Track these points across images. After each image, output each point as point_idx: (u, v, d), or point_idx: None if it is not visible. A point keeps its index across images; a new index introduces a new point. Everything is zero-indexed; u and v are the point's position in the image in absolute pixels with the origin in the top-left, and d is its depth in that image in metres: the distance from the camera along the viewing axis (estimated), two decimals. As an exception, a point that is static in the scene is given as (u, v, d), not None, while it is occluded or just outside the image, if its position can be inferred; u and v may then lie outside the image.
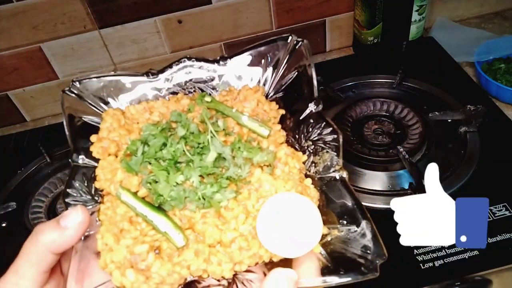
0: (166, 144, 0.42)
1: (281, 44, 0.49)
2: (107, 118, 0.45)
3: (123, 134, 0.44)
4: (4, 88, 1.02)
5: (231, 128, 0.45)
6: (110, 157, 0.43)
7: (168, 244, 0.37)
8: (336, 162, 0.40)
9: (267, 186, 0.39)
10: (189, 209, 0.39)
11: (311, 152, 0.43)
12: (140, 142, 0.42)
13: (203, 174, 0.40)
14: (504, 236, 0.63)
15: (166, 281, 0.36)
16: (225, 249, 0.37)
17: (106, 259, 0.36)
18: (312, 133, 0.44)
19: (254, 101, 0.47)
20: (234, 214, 0.38)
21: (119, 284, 0.35)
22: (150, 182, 0.40)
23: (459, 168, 0.73)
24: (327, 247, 0.37)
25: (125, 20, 0.96)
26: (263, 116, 0.46)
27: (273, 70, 0.50)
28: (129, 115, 0.47)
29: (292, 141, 0.45)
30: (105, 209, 0.40)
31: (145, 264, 0.36)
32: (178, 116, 0.44)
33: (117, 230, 0.38)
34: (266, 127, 0.44)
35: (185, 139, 0.42)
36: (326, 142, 0.42)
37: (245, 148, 0.41)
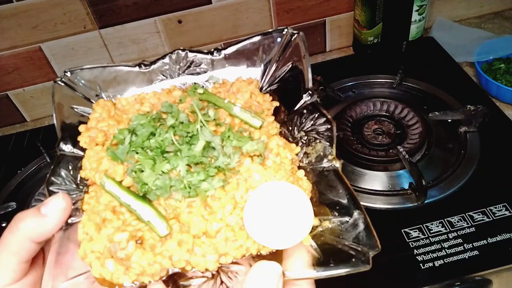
0: (155, 134, 0.41)
1: (276, 36, 0.48)
2: (97, 108, 0.45)
3: (112, 125, 0.44)
4: (4, 88, 1.02)
5: (223, 119, 0.45)
6: (97, 147, 0.42)
7: (151, 234, 0.36)
8: (329, 152, 0.40)
9: (256, 176, 0.38)
10: (174, 199, 0.38)
11: (304, 143, 0.43)
12: (127, 131, 0.41)
13: (190, 163, 0.39)
14: (504, 236, 0.63)
15: (146, 271, 0.34)
16: (210, 240, 0.36)
17: (86, 248, 0.35)
18: (306, 123, 0.43)
19: (247, 93, 0.46)
20: (221, 204, 0.37)
21: (98, 275, 0.34)
22: (135, 171, 0.39)
23: (459, 168, 0.73)
24: (318, 239, 0.36)
25: (125, 20, 0.96)
26: (256, 108, 0.46)
27: (268, 62, 0.49)
28: (120, 106, 0.47)
29: (285, 133, 0.45)
30: (88, 199, 0.39)
31: (124, 253, 0.35)
32: (169, 107, 0.44)
33: (99, 219, 0.37)
34: (258, 118, 0.43)
35: (174, 128, 0.41)
36: (319, 132, 0.41)
37: (235, 137, 0.41)
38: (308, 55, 0.45)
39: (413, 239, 0.64)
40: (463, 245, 0.63)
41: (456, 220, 0.66)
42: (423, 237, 0.64)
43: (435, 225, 0.66)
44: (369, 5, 0.97)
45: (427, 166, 0.75)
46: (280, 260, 0.36)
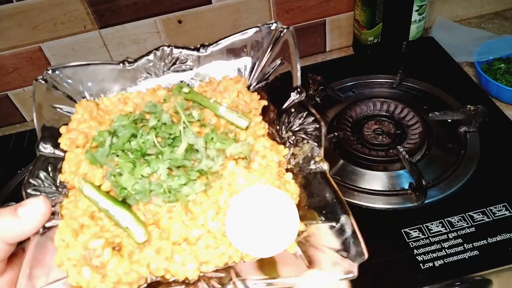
0: (136, 135, 0.39)
1: (265, 31, 0.46)
2: (79, 109, 0.43)
3: (93, 126, 0.42)
4: (4, 88, 1.02)
5: (208, 119, 0.43)
6: (77, 149, 0.41)
7: (129, 240, 0.35)
8: (317, 153, 0.38)
9: (241, 180, 0.37)
10: (154, 204, 0.37)
11: (292, 143, 0.41)
12: (108, 133, 0.40)
13: (172, 166, 0.37)
14: (504, 236, 0.63)
15: (123, 280, 0.33)
16: (191, 247, 0.34)
17: (62, 256, 0.34)
18: (294, 123, 0.41)
19: (234, 92, 0.45)
20: (203, 208, 0.36)
21: (75, 284, 0.33)
22: (114, 175, 0.37)
23: (459, 168, 0.73)
24: (303, 245, 0.34)
25: (125, 20, 0.96)
26: (243, 107, 0.44)
27: (256, 59, 0.47)
28: (103, 107, 0.45)
29: (273, 133, 0.43)
30: (67, 203, 0.38)
31: (100, 260, 0.33)
32: (153, 107, 0.42)
33: (77, 225, 0.35)
34: (245, 119, 0.42)
35: (156, 129, 0.40)
36: (308, 132, 0.39)
37: (219, 139, 0.39)
38: (297, 51, 0.42)
39: (413, 239, 0.64)
40: (463, 245, 0.63)
41: (456, 220, 0.66)
42: (423, 237, 0.64)
43: (435, 225, 0.66)
44: (369, 5, 0.97)
45: (427, 166, 0.75)
46: (270, 266, 0.34)
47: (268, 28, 0.46)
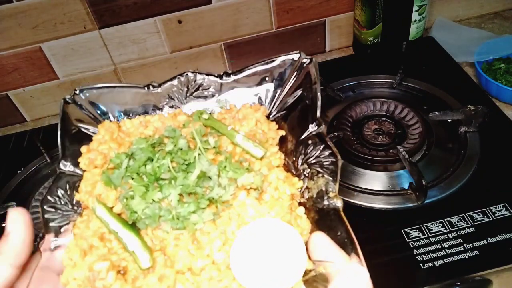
0: (153, 159, 0.40)
1: (288, 62, 0.46)
2: (101, 130, 0.44)
3: (112, 147, 0.43)
4: (4, 88, 1.02)
5: (224, 147, 0.43)
6: (95, 170, 0.41)
7: (134, 265, 0.35)
8: (331, 188, 0.37)
9: (250, 211, 0.36)
10: (162, 229, 0.37)
11: (307, 176, 0.40)
12: (125, 155, 0.40)
13: (183, 192, 0.37)
14: (504, 236, 0.63)
15: None
16: (194, 277, 0.34)
17: (68, 275, 0.34)
18: (310, 155, 0.40)
19: (253, 120, 0.44)
20: (210, 238, 0.35)
21: None
22: (126, 198, 0.38)
23: (459, 168, 0.73)
24: (310, 285, 0.33)
25: (125, 20, 0.96)
26: (261, 136, 0.44)
27: (277, 88, 0.47)
28: (125, 129, 0.46)
29: (289, 165, 0.42)
30: (79, 223, 0.38)
31: (103, 283, 0.33)
32: (172, 132, 0.42)
33: (86, 245, 0.36)
34: (260, 148, 0.41)
35: (172, 154, 0.40)
36: (323, 165, 0.38)
37: (232, 168, 0.39)
38: (319, 83, 0.42)
39: (413, 239, 0.64)
40: (463, 245, 0.63)
41: (456, 220, 0.66)
42: (423, 237, 0.64)
43: (435, 225, 0.66)
44: (369, 5, 0.97)
45: (427, 166, 0.75)
46: None
47: (292, 60, 0.46)
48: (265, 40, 1.05)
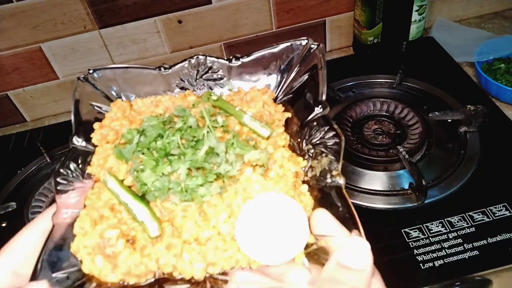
0: (163, 136, 0.42)
1: (296, 47, 0.48)
2: (114, 108, 0.46)
3: (124, 124, 0.45)
4: (4, 88, 1.02)
5: (232, 126, 0.45)
6: (107, 145, 0.43)
7: (143, 235, 0.37)
8: (334, 167, 0.38)
9: (256, 186, 0.38)
10: (171, 201, 0.38)
11: (311, 156, 0.41)
12: (136, 131, 0.42)
13: (192, 167, 0.39)
14: (504, 236, 0.63)
15: (132, 271, 0.34)
16: (200, 247, 0.35)
17: (79, 243, 0.36)
18: (314, 136, 0.42)
19: (260, 103, 0.46)
20: (217, 211, 0.37)
21: (88, 271, 0.35)
22: (137, 171, 0.40)
23: (459, 168, 0.73)
24: (311, 258, 0.34)
25: (125, 20, 0.96)
26: (267, 118, 0.46)
27: (284, 73, 0.49)
28: (136, 108, 0.48)
29: (294, 146, 0.44)
30: (91, 194, 0.40)
31: (112, 250, 0.35)
32: (181, 111, 0.44)
33: (97, 215, 0.37)
34: (267, 128, 0.43)
35: (181, 131, 0.42)
36: (327, 146, 0.40)
37: (239, 145, 0.40)
38: (325, 68, 0.44)
39: (413, 239, 0.64)
40: (463, 245, 0.63)
41: (456, 220, 0.66)
42: (423, 237, 0.64)
43: (435, 225, 0.66)
44: (369, 5, 0.97)
45: (427, 166, 0.75)
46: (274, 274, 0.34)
47: (299, 44, 0.47)
48: (265, 40, 1.05)
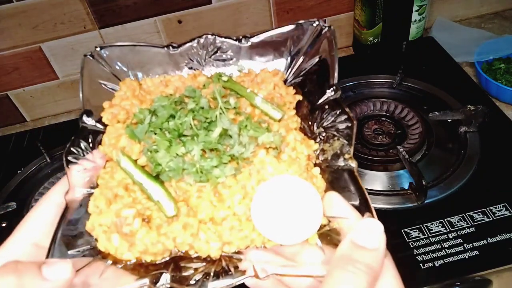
0: (175, 116, 0.41)
1: (306, 29, 0.47)
2: (123, 87, 0.46)
3: (135, 104, 0.44)
4: (4, 88, 1.02)
5: (243, 108, 0.44)
6: (118, 124, 0.43)
7: (159, 214, 0.37)
8: (346, 150, 0.38)
9: (269, 168, 0.38)
10: (185, 182, 0.38)
11: (322, 139, 0.42)
12: (148, 111, 0.42)
13: (206, 148, 0.39)
14: (504, 236, 0.63)
15: (149, 250, 0.35)
16: (216, 227, 0.36)
17: (94, 221, 0.36)
18: (326, 120, 0.42)
19: (271, 84, 0.46)
20: (231, 192, 0.37)
21: (104, 249, 0.35)
22: (151, 151, 0.39)
23: (459, 168, 0.73)
24: (324, 239, 0.35)
25: (125, 20, 0.96)
26: (278, 100, 0.45)
27: (295, 54, 0.48)
28: (145, 87, 0.47)
29: (305, 128, 0.44)
30: (103, 173, 0.40)
31: (129, 228, 0.35)
32: (192, 92, 0.44)
33: (111, 194, 0.37)
34: (279, 110, 0.43)
35: (194, 112, 0.42)
36: (339, 129, 0.40)
37: (252, 127, 0.40)
38: (337, 50, 0.43)
39: (413, 239, 0.64)
40: (463, 245, 0.63)
41: (456, 220, 0.66)
42: (423, 237, 0.64)
43: (435, 225, 0.66)
44: (369, 5, 0.97)
45: (427, 166, 0.75)
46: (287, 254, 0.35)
47: (310, 25, 0.46)
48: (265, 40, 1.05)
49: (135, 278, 0.33)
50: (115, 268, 0.34)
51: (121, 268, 0.34)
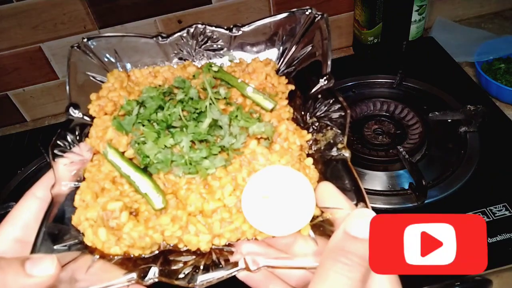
0: (163, 107, 0.40)
1: (299, 17, 0.46)
2: (110, 78, 0.45)
3: (122, 95, 0.43)
4: (4, 88, 1.02)
5: (235, 98, 0.44)
6: (105, 116, 0.42)
7: (147, 207, 0.36)
8: (340, 140, 0.38)
9: (261, 159, 0.37)
10: (174, 174, 0.37)
11: (315, 129, 0.41)
12: (136, 102, 0.41)
13: (195, 140, 0.38)
14: (504, 236, 0.63)
15: (137, 244, 0.34)
16: (206, 219, 0.35)
17: (80, 215, 0.35)
18: (319, 109, 0.41)
19: (263, 74, 0.45)
20: (221, 183, 0.36)
21: (90, 244, 0.34)
22: (139, 143, 0.39)
23: (459, 168, 0.73)
24: (317, 229, 0.34)
25: (125, 20, 0.96)
26: (271, 90, 0.44)
27: (287, 43, 0.47)
28: (134, 78, 0.46)
29: (297, 118, 0.43)
30: (90, 167, 0.39)
31: (116, 222, 0.34)
32: (181, 82, 0.43)
33: (98, 188, 0.37)
34: (270, 101, 0.42)
35: (183, 103, 0.41)
36: (332, 119, 0.39)
37: (243, 117, 0.39)
38: (330, 39, 0.42)
39: (413, 239, 0.64)
40: (463, 245, 0.63)
41: (456, 220, 0.66)
42: (423, 237, 0.64)
43: (435, 225, 0.66)
44: (369, 5, 0.97)
45: (427, 166, 0.75)
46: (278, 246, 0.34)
47: (302, 13, 0.46)
48: (265, 40, 1.05)
49: (123, 273, 0.33)
50: (102, 262, 0.34)
51: (109, 263, 0.34)
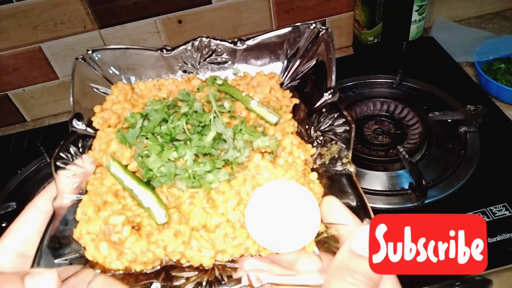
0: (167, 120, 0.40)
1: (303, 31, 0.46)
2: (115, 90, 0.45)
3: (126, 108, 0.43)
4: (4, 88, 1.02)
5: (239, 112, 0.44)
6: (109, 129, 0.42)
7: (149, 221, 0.35)
8: (344, 155, 0.37)
9: (265, 173, 0.37)
10: (177, 188, 0.37)
11: (320, 143, 0.40)
12: (140, 115, 0.41)
13: (199, 153, 0.38)
14: (504, 236, 0.63)
15: (139, 259, 0.34)
16: (209, 234, 0.35)
17: (82, 229, 0.34)
18: (323, 123, 0.41)
19: (267, 88, 0.45)
20: (225, 198, 0.36)
21: (91, 258, 0.34)
22: (142, 156, 0.38)
23: (459, 168, 0.73)
24: (321, 246, 0.34)
25: (125, 20, 0.96)
26: (275, 103, 0.44)
27: (291, 57, 0.47)
28: (138, 91, 0.46)
29: (302, 132, 0.43)
30: (93, 179, 0.39)
31: (118, 236, 0.34)
32: (185, 95, 0.43)
33: (100, 201, 0.36)
34: (275, 114, 0.42)
35: (187, 116, 0.41)
36: (337, 133, 0.39)
37: (247, 131, 0.39)
38: (334, 53, 0.42)
39: (413, 239, 0.64)
40: (463, 245, 0.63)
41: (456, 220, 0.66)
42: (423, 237, 0.64)
43: (435, 225, 0.66)
44: (369, 5, 0.97)
45: (427, 166, 0.75)
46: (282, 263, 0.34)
47: (307, 28, 0.46)
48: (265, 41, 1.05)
49: None
50: (103, 277, 0.33)
51: (110, 278, 0.33)
